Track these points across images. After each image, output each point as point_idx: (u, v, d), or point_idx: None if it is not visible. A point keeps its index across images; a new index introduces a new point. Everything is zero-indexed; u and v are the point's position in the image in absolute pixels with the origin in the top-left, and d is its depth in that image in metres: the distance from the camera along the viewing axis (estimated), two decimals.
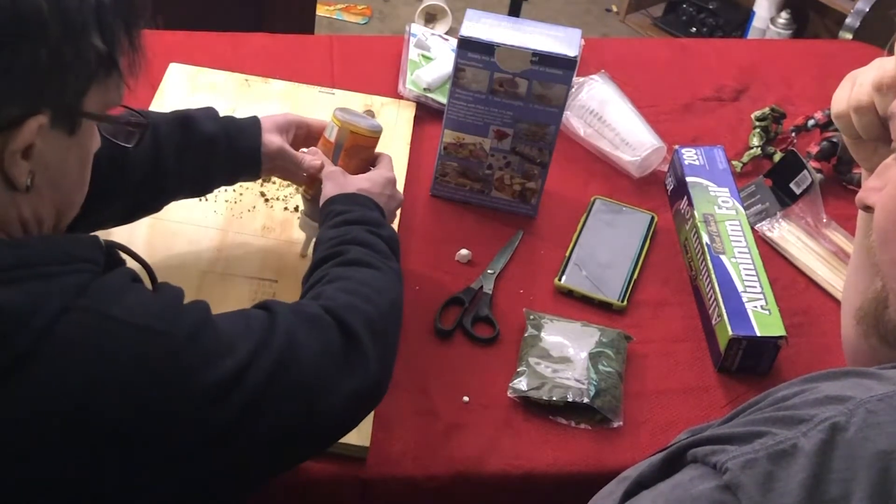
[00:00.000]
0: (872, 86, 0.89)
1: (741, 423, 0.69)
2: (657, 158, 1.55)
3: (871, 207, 0.81)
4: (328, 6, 3.53)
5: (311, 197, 1.22)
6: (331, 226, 1.10)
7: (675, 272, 1.42)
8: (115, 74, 0.80)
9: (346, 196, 1.14)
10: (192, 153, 1.14)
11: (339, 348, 0.92)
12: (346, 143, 1.20)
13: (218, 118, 1.18)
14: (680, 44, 2.16)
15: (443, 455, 1.14)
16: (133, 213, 1.18)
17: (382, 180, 1.18)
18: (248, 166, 1.19)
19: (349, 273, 1.02)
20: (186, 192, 1.20)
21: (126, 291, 0.79)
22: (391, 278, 1.06)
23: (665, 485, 0.69)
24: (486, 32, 1.31)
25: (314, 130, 1.24)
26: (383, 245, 1.09)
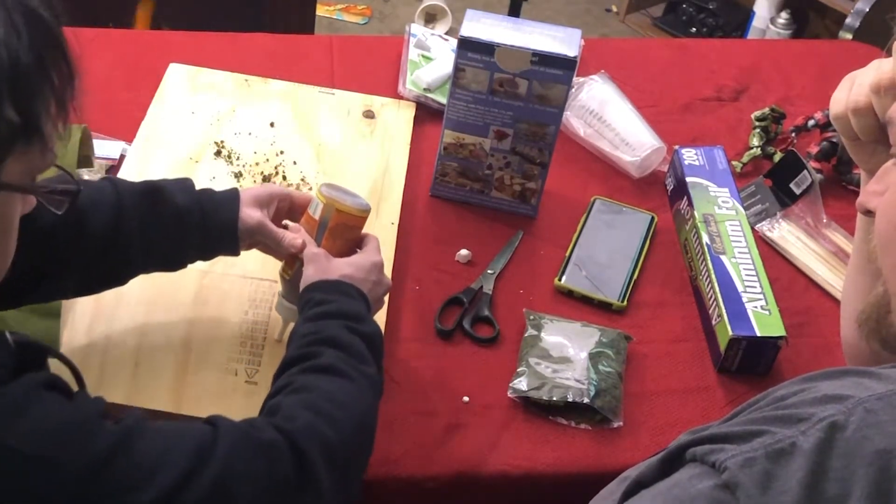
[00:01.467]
0: (871, 88, 0.89)
1: (740, 422, 0.69)
2: (657, 158, 1.55)
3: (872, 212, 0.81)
4: (328, 6, 3.53)
5: (289, 277, 1.12)
6: (308, 318, 1.01)
7: (675, 272, 1.42)
8: (36, 142, 0.72)
9: (328, 283, 1.05)
10: (159, 226, 1.06)
11: (290, 480, 0.84)
12: (330, 222, 1.10)
13: (192, 190, 1.09)
14: (680, 44, 2.16)
15: (443, 455, 1.14)
16: (93, 284, 1.10)
17: (368, 265, 1.09)
18: (224, 242, 1.10)
19: (318, 383, 0.93)
20: (156, 266, 1.11)
21: (26, 408, 0.71)
22: (363, 391, 0.96)
23: (664, 484, 0.69)
24: (486, 32, 1.31)
25: (297, 204, 1.15)
26: (361, 346, 0.99)
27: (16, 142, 0.71)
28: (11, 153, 0.71)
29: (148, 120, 1.48)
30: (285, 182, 1.41)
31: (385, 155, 1.50)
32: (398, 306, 1.29)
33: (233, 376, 1.15)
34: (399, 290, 1.31)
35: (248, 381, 1.15)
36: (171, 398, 1.12)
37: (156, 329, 1.19)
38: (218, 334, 1.19)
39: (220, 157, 1.44)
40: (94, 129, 1.38)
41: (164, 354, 1.16)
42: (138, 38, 1.69)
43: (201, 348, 1.17)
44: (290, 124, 1.52)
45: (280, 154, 1.46)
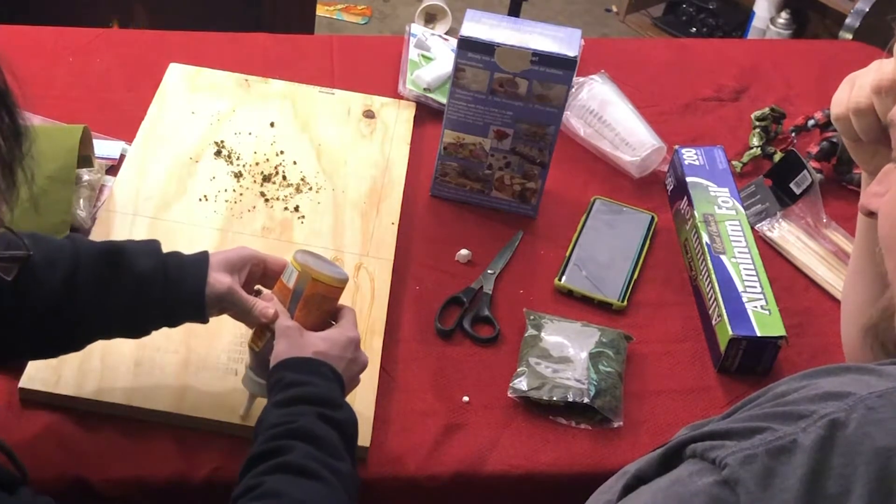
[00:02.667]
0: (871, 88, 0.89)
1: (741, 418, 0.69)
2: (657, 158, 1.55)
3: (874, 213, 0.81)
4: (328, 6, 3.53)
5: (259, 350, 1.05)
6: (278, 402, 0.95)
7: (675, 272, 1.42)
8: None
9: (300, 361, 0.99)
10: (118, 291, 1.00)
11: None
12: (305, 291, 1.03)
13: (157, 253, 1.03)
14: (680, 44, 2.16)
15: (443, 455, 1.14)
16: (47, 347, 1.04)
17: (344, 341, 1.02)
18: (190, 311, 1.03)
19: (286, 488, 0.87)
20: (117, 333, 1.05)
21: None
22: (337, 493, 0.90)
23: (664, 480, 0.69)
24: (486, 32, 1.31)
25: (271, 269, 1.08)
26: (334, 438, 0.94)
27: None
28: None
29: (148, 120, 1.48)
30: (285, 182, 1.41)
31: (385, 155, 1.50)
32: (398, 306, 1.29)
33: (233, 376, 1.15)
34: (399, 290, 1.31)
35: None
36: (171, 398, 1.12)
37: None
38: (218, 334, 1.19)
39: (220, 156, 1.44)
40: (94, 129, 1.38)
41: (164, 354, 1.16)
42: (138, 38, 1.69)
43: (201, 348, 1.17)
44: (290, 124, 1.52)
45: (280, 154, 1.46)
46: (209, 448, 1.09)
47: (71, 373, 1.12)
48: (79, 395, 1.11)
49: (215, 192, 1.38)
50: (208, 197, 1.37)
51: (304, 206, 1.39)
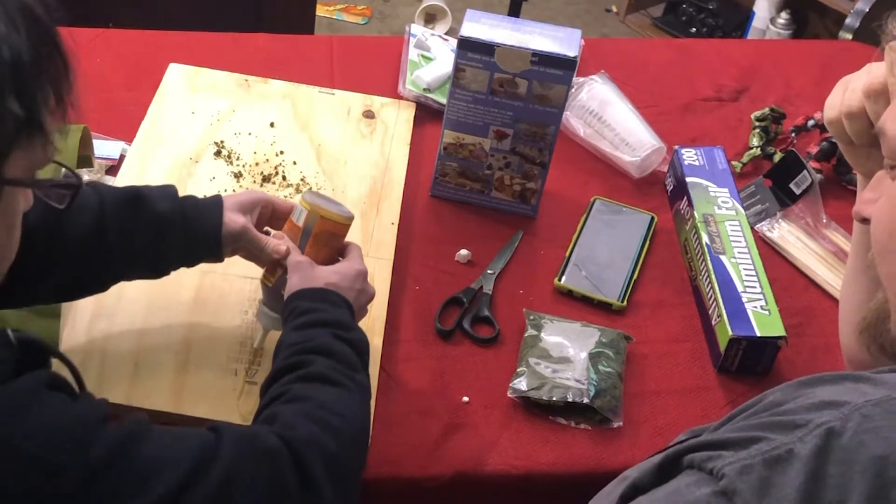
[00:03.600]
0: (863, 92, 0.90)
1: (736, 427, 0.69)
2: (657, 159, 1.55)
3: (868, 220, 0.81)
4: (328, 6, 3.53)
5: (272, 285, 1.12)
6: (294, 327, 1.01)
7: (675, 272, 1.42)
8: (38, 136, 0.74)
9: (313, 291, 1.05)
10: (140, 233, 1.05)
11: (292, 491, 0.83)
12: (314, 229, 1.10)
13: (175, 197, 1.09)
14: (680, 44, 2.16)
15: (443, 455, 1.14)
16: (73, 289, 1.09)
17: (353, 273, 1.09)
18: (207, 248, 1.09)
19: (311, 392, 0.93)
20: (138, 273, 1.10)
21: (28, 406, 0.71)
22: (357, 398, 0.97)
23: (661, 490, 0.69)
24: (486, 32, 1.31)
25: (279, 211, 1.15)
26: (350, 353, 1.00)
27: (19, 136, 0.72)
28: (15, 148, 0.72)
29: (148, 120, 1.48)
30: (285, 182, 1.42)
31: (385, 155, 1.50)
32: (398, 306, 1.29)
33: (233, 376, 1.15)
34: (399, 290, 1.31)
35: (247, 381, 1.14)
36: (171, 398, 1.12)
37: (156, 329, 1.19)
38: (218, 334, 1.19)
39: (220, 157, 1.44)
40: (94, 129, 1.38)
41: (164, 354, 1.16)
42: (138, 38, 1.69)
43: (201, 348, 1.17)
44: (290, 124, 1.52)
45: (280, 154, 1.46)
46: None
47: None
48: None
49: (215, 192, 1.38)
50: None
51: None
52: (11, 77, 0.70)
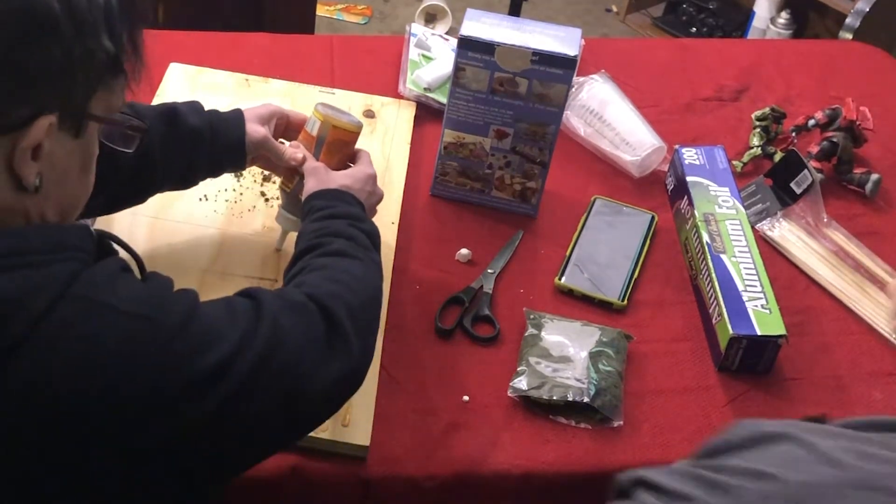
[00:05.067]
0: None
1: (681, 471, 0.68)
2: (657, 158, 1.55)
3: None
4: (328, 6, 3.53)
5: (290, 190, 1.22)
6: (313, 220, 1.11)
7: (675, 272, 1.42)
8: (120, 77, 0.81)
9: (328, 192, 1.14)
10: (176, 146, 1.15)
11: (322, 334, 0.92)
12: (328, 138, 1.20)
13: (202, 111, 1.20)
14: (680, 44, 2.16)
15: (443, 455, 1.14)
16: (116, 203, 1.19)
17: (364, 176, 1.19)
18: (233, 157, 1.20)
19: (332, 263, 1.03)
20: (170, 185, 1.21)
21: (116, 280, 0.79)
22: (372, 269, 1.07)
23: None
24: (487, 32, 1.31)
25: (293, 123, 1.26)
26: (364, 238, 1.10)
27: (107, 72, 0.79)
28: (101, 85, 0.79)
29: None
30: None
31: (385, 155, 1.50)
32: (398, 306, 1.29)
33: None
34: (399, 290, 1.31)
35: None
36: None
37: None
38: None
39: None
40: None
41: None
42: None
43: None
44: None
45: None
46: None
47: None
48: None
49: (215, 191, 1.38)
50: (208, 197, 1.37)
51: None
52: (104, 17, 0.77)
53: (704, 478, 0.65)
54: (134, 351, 0.76)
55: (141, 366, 0.76)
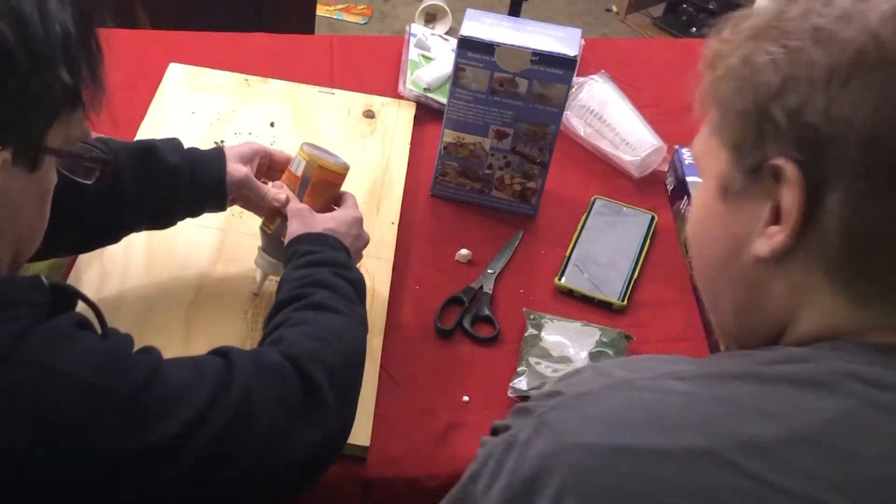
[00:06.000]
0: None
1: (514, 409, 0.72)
2: (657, 158, 1.55)
3: None
4: (328, 6, 3.53)
5: (271, 232, 1.17)
6: (296, 266, 1.06)
7: (675, 272, 1.42)
8: (79, 108, 0.78)
9: (313, 236, 1.10)
10: (152, 184, 1.10)
11: (298, 400, 0.89)
12: (313, 178, 1.16)
13: (181, 149, 1.14)
14: (680, 44, 2.16)
15: (443, 455, 1.14)
16: (88, 242, 1.15)
17: (350, 220, 1.15)
18: (213, 197, 1.15)
19: (313, 317, 0.99)
20: (147, 224, 1.16)
21: (69, 340, 0.75)
22: (355, 324, 1.03)
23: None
24: (486, 32, 1.31)
25: (277, 162, 1.21)
26: (349, 288, 1.05)
27: (64, 105, 0.76)
28: (59, 118, 0.76)
29: (148, 120, 1.48)
30: None
31: (385, 155, 1.50)
32: (398, 306, 1.29)
33: None
34: (399, 290, 1.31)
35: None
36: None
37: (156, 329, 1.18)
38: (218, 333, 1.19)
39: None
40: (94, 128, 1.37)
41: (164, 353, 1.15)
42: (138, 38, 1.69)
43: (201, 347, 1.17)
44: (290, 124, 1.52)
45: None
46: None
47: None
48: None
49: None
50: None
51: None
52: (62, 49, 0.74)
53: (522, 408, 0.70)
54: (84, 419, 0.73)
55: (92, 434, 0.73)
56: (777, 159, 0.68)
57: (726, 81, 0.73)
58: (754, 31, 0.71)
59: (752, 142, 0.70)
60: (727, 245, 0.74)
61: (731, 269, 0.74)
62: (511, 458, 0.66)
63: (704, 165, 0.77)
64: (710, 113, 0.77)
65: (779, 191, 0.68)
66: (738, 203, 0.72)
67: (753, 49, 0.70)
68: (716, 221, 0.75)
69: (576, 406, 0.66)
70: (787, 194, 0.67)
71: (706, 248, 0.78)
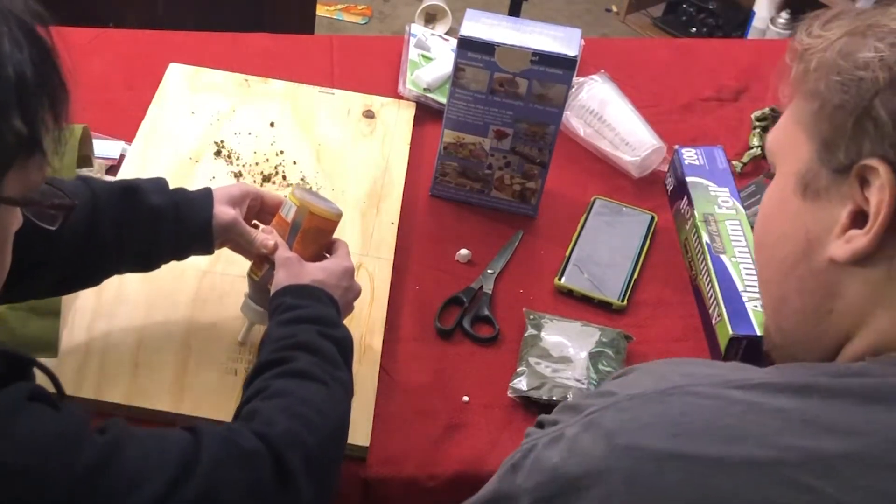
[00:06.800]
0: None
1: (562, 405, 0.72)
2: (657, 158, 1.55)
3: None
4: (328, 6, 3.53)
5: (258, 279, 1.12)
6: (280, 322, 1.01)
7: (675, 272, 1.42)
8: (37, 155, 0.73)
9: (299, 288, 1.05)
10: (134, 226, 1.06)
11: (271, 490, 0.84)
12: (303, 225, 1.10)
13: (166, 190, 1.10)
14: (680, 44, 2.16)
15: (443, 455, 1.14)
16: (67, 284, 1.09)
17: (340, 271, 1.09)
18: (199, 240, 1.10)
19: (293, 388, 0.94)
20: (130, 267, 1.11)
21: (15, 419, 0.71)
22: (338, 395, 0.97)
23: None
24: (486, 32, 1.31)
25: (268, 205, 1.16)
26: (334, 351, 1.00)
27: (19, 153, 0.71)
28: (13, 165, 0.71)
29: (148, 120, 1.48)
30: (285, 182, 1.42)
31: (385, 155, 1.50)
32: (398, 306, 1.29)
33: (233, 376, 1.15)
34: (399, 290, 1.31)
35: None
36: (171, 398, 1.12)
37: (156, 329, 1.18)
38: (218, 334, 1.19)
39: (220, 156, 1.44)
40: (94, 128, 1.38)
41: (164, 354, 1.16)
42: (138, 38, 1.69)
43: (201, 348, 1.17)
44: (290, 124, 1.52)
45: (280, 154, 1.46)
46: None
47: (71, 373, 1.12)
48: (78, 395, 1.10)
49: None
50: None
51: None
52: (16, 94, 0.69)
53: (570, 405, 0.70)
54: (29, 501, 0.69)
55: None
56: (870, 160, 0.65)
57: (823, 74, 0.70)
58: (853, 27, 0.69)
59: (848, 138, 0.67)
60: (799, 244, 0.71)
61: (800, 270, 0.71)
62: (556, 452, 0.65)
63: (783, 158, 0.74)
64: (797, 105, 0.73)
65: (864, 193, 0.65)
66: (816, 201, 0.69)
67: (856, 44, 0.68)
68: (789, 218, 0.72)
69: (629, 408, 0.65)
70: (875, 197, 0.65)
71: (775, 245, 0.74)
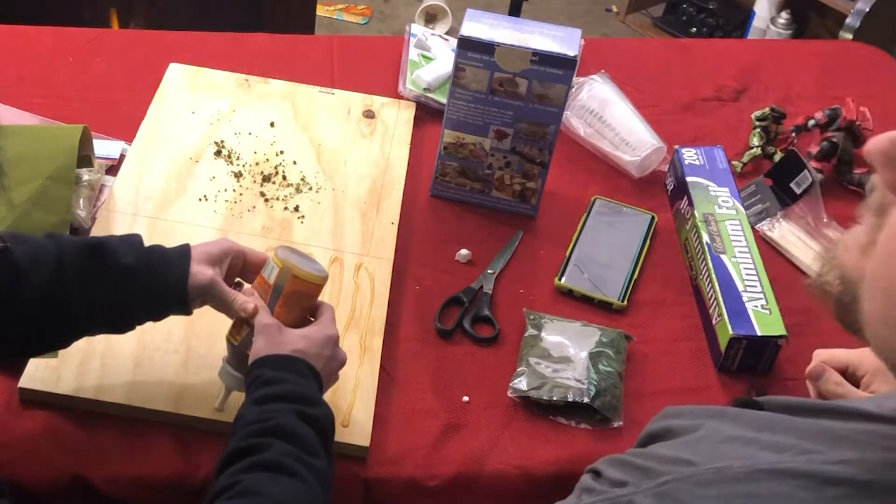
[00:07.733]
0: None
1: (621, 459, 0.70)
2: (657, 158, 1.55)
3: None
4: (328, 6, 3.53)
5: (237, 343, 1.05)
6: (256, 399, 0.96)
7: (675, 272, 1.42)
8: None
9: (279, 359, 0.99)
10: (102, 286, 1.00)
11: None
12: (286, 288, 1.04)
13: (139, 247, 1.04)
14: (680, 44, 2.16)
15: (443, 455, 1.14)
16: (34, 346, 1.05)
17: (322, 339, 1.03)
18: (173, 302, 1.04)
19: (264, 487, 0.87)
20: (102, 329, 1.05)
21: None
22: (314, 493, 0.90)
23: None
24: (486, 32, 1.31)
25: (250, 262, 1.09)
26: (312, 435, 0.94)
27: None
28: None
29: (148, 120, 1.48)
30: (285, 182, 1.41)
31: (385, 155, 1.50)
32: (398, 306, 1.29)
33: None
34: (399, 290, 1.31)
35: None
36: (171, 398, 1.12)
37: (156, 329, 1.18)
38: (218, 334, 1.18)
39: (220, 156, 1.44)
40: (94, 129, 1.38)
41: (164, 354, 1.16)
42: (138, 38, 1.69)
43: (201, 348, 1.17)
44: (290, 124, 1.52)
45: (280, 154, 1.46)
46: (209, 448, 1.09)
47: (71, 372, 1.12)
48: (78, 395, 1.11)
49: (215, 192, 1.38)
50: (208, 197, 1.37)
51: (304, 206, 1.39)
52: None
53: (637, 465, 0.68)
54: None
55: None
56: None
57: None
58: None
59: None
60: None
61: None
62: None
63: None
64: None
65: None
66: None
67: None
68: None
69: (710, 483, 0.61)
70: None
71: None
